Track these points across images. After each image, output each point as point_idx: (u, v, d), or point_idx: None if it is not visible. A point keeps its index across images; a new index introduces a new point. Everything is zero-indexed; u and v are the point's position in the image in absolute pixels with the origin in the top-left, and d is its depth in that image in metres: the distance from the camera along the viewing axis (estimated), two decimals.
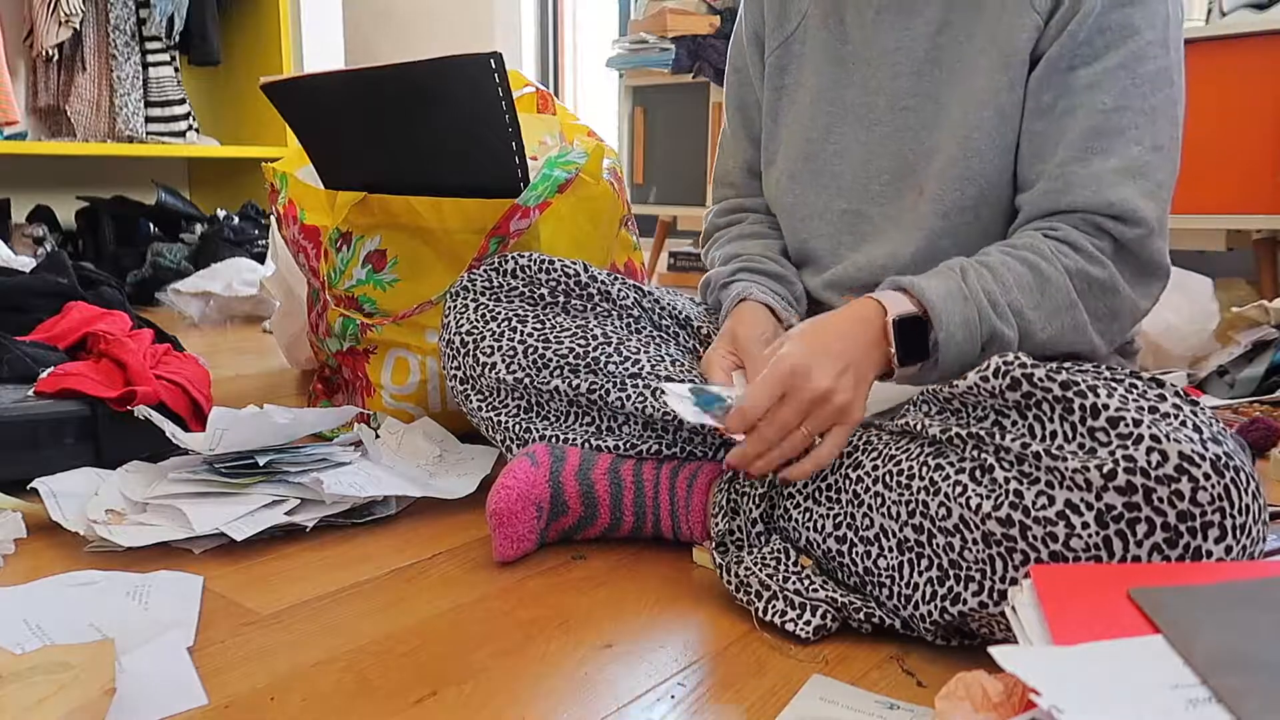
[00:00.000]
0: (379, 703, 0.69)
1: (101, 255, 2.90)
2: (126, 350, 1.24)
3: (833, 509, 0.82)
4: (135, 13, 3.07)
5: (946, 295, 0.84)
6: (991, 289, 0.85)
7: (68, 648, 0.67)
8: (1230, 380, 1.52)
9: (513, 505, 0.91)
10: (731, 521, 0.88)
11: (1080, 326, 0.88)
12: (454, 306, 1.07)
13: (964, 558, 0.71)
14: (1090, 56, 0.88)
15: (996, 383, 0.72)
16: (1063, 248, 0.86)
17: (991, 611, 0.70)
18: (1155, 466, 0.63)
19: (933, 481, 0.74)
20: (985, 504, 0.69)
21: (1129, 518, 0.63)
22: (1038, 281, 0.86)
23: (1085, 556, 0.65)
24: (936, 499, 0.73)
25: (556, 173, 1.20)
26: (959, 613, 0.71)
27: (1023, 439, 0.70)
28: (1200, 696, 0.49)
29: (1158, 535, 0.63)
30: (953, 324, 0.83)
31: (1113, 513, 0.64)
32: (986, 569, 0.69)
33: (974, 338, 0.84)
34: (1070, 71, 0.88)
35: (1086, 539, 0.65)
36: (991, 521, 0.68)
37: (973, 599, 0.70)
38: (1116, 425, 0.65)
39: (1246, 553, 0.64)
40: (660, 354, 1.02)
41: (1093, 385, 0.67)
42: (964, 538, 0.71)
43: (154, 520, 0.96)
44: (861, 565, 0.79)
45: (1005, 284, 0.85)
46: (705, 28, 2.91)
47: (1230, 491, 0.62)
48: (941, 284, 0.85)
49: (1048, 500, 0.66)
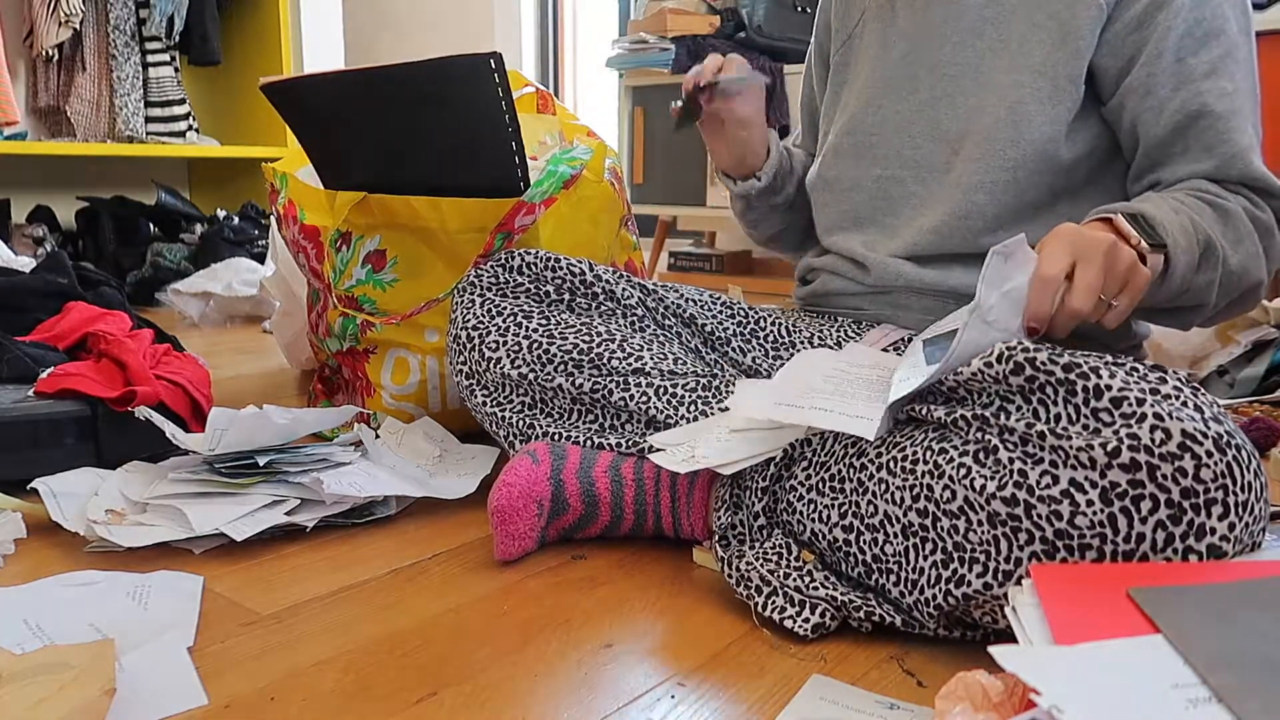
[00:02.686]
0: (379, 703, 0.69)
1: (101, 255, 2.90)
2: (126, 350, 1.24)
3: (837, 498, 0.82)
4: (135, 13, 3.07)
5: (1154, 208, 0.89)
6: (1185, 209, 0.91)
7: (68, 648, 0.67)
8: (1230, 380, 1.52)
9: (514, 502, 0.91)
10: (734, 515, 0.88)
11: (1259, 256, 0.96)
12: (461, 301, 1.08)
13: (968, 539, 0.71)
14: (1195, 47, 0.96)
15: (1000, 368, 0.73)
16: (1230, 190, 0.96)
17: (996, 594, 0.70)
18: (1159, 444, 0.63)
19: (937, 465, 0.74)
20: (990, 484, 0.69)
21: (1133, 495, 0.64)
22: (1217, 211, 0.94)
23: (1090, 534, 0.65)
24: (941, 482, 0.73)
25: (561, 169, 1.20)
26: (963, 595, 0.71)
27: (1027, 420, 0.70)
28: (1200, 696, 0.49)
29: (1161, 512, 0.63)
30: (1172, 226, 0.88)
31: (1116, 490, 0.64)
32: (991, 550, 0.70)
33: (1192, 245, 0.89)
34: (1181, 63, 0.97)
35: (1091, 516, 0.65)
36: (996, 501, 0.69)
37: (977, 580, 0.70)
38: (1120, 405, 0.66)
39: (1249, 530, 0.64)
40: (664, 352, 1.02)
41: (1095, 367, 0.68)
42: (969, 519, 0.71)
43: (154, 520, 0.96)
44: (870, 553, 0.79)
45: (1194, 208, 0.92)
46: (705, 28, 2.91)
47: (1233, 468, 0.63)
48: (1143, 202, 0.91)
49: (1052, 479, 0.67)
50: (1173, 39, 0.96)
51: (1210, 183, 0.96)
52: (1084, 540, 0.65)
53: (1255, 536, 0.65)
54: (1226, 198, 0.95)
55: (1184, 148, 0.98)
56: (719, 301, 1.11)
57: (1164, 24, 0.96)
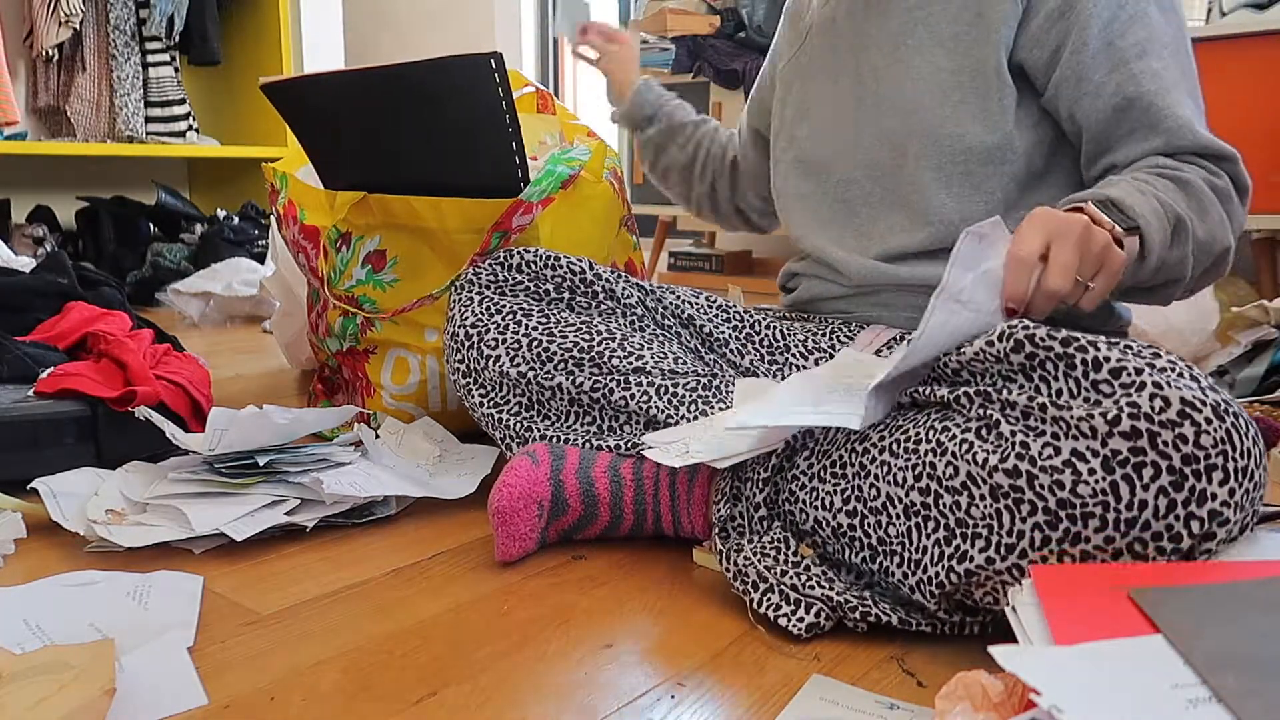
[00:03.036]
0: (379, 703, 0.69)
1: (101, 255, 2.90)
2: (126, 350, 1.24)
3: (839, 484, 0.82)
4: (135, 13, 3.08)
5: (1122, 192, 0.90)
6: (1147, 189, 0.92)
7: (68, 648, 0.67)
8: (1230, 380, 1.52)
9: (515, 504, 0.91)
10: (734, 507, 0.88)
11: (1224, 223, 0.97)
12: (459, 299, 1.08)
13: (970, 514, 0.71)
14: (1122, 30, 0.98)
15: (1001, 346, 0.73)
16: (1185, 162, 0.97)
17: (998, 568, 0.70)
18: (1159, 411, 0.64)
19: (939, 442, 0.74)
20: (992, 458, 0.70)
21: (1134, 462, 0.64)
22: (1178, 184, 0.94)
23: (1093, 503, 0.65)
24: (944, 459, 0.73)
25: (560, 169, 1.20)
26: (965, 571, 0.71)
27: (1029, 394, 0.71)
28: (1200, 696, 0.49)
29: (1163, 478, 0.64)
30: (1142, 208, 0.89)
31: (1118, 458, 0.64)
32: (994, 524, 0.70)
33: (1163, 223, 0.90)
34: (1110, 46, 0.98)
35: (1093, 484, 0.65)
36: (999, 474, 0.69)
37: (979, 555, 0.70)
38: (1119, 376, 0.67)
39: (1249, 497, 0.65)
40: (664, 351, 1.02)
41: (1093, 341, 0.70)
42: (971, 494, 0.71)
43: (154, 520, 0.96)
44: (875, 536, 0.79)
45: (1156, 185, 0.93)
46: (705, 28, 2.91)
47: (1232, 435, 0.63)
48: (1109, 187, 0.93)
49: (1054, 450, 0.67)
50: (1097, 25, 0.98)
51: (1165, 158, 0.98)
52: (1086, 509, 0.65)
53: (1255, 504, 0.66)
54: (1184, 170, 0.96)
55: (1130, 129, 0.99)
56: (715, 304, 1.11)
57: (1085, 12, 0.98)
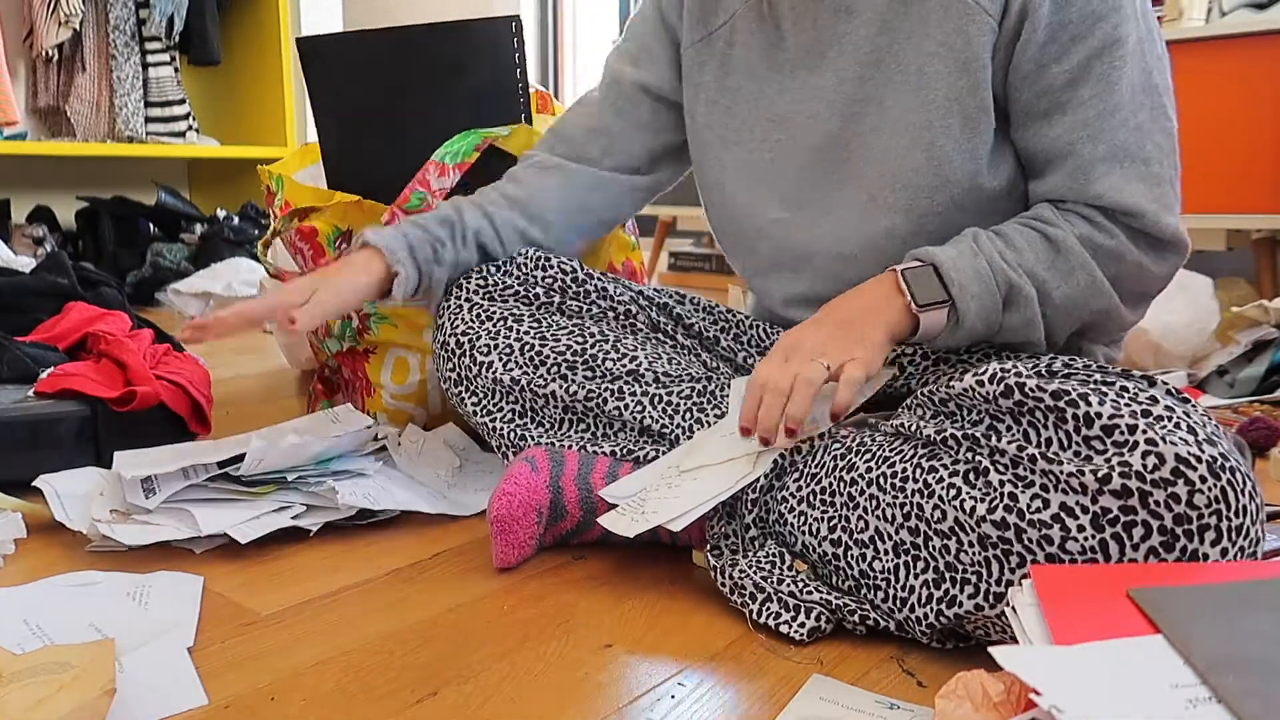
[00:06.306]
0: (379, 703, 0.69)
1: (101, 255, 2.90)
2: (126, 350, 1.24)
3: (827, 512, 0.82)
4: (135, 13, 3.08)
5: (956, 255, 0.86)
6: (1001, 248, 0.87)
7: (68, 648, 0.67)
8: (1230, 380, 1.52)
9: (514, 511, 0.90)
10: (727, 524, 0.88)
11: (1098, 285, 0.88)
12: (447, 308, 1.05)
13: (960, 560, 0.71)
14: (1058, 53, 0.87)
15: (991, 388, 0.73)
16: (1070, 216, 0.88)
17: (988, 614, 0.70)
18: (1151, 470, 0.63)
19: (926, 484, 0.74)
20: (980, 506, 0.69)
21: (1125, 521, 0.64)
22: (1048, 243, 0.87)
23: (1082, 559, 0.65)
24: (931, 501, 0.73)
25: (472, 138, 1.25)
26: (955, 615, 0.71)
27: (1018, 443, 0.70)
28: (1200, 696, 0.49)
29: (1154, 539, 0.63)
30: (964, 276, 0.84)
31: (1108, 516, 0.64)
32: (983, 571, 0.69)
33: (990, 290, 0.85)
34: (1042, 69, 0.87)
35: (1083, 541, 0.65)
36: (986, 524, 0.69)
37: (969, 601, 0.70)
38: (1111, 433, 0.66)
39: (1245, 554, 0.64)
40: (657, 352, 1.02)
41: (1084, 394, 0.68)
42: (960, 540, 0.71)
43: (158, 520, 0.96)
44: (857, 568, 0.78)
45: (1015, 245, 0.87)
46: None
47: (1227, 493, 0.63)
48: (951, 247, 0.87)
49: (1042, 503, 0.67)
50: (1033, 49, 0.87)
51: (1051, 207, 0.89)
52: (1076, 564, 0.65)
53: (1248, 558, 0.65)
54: (1060, 225, 0.87)
55: (1042, 164, 0.91)
56: (699, 305, 1.09)
57: (1026, 33, 0.87)
